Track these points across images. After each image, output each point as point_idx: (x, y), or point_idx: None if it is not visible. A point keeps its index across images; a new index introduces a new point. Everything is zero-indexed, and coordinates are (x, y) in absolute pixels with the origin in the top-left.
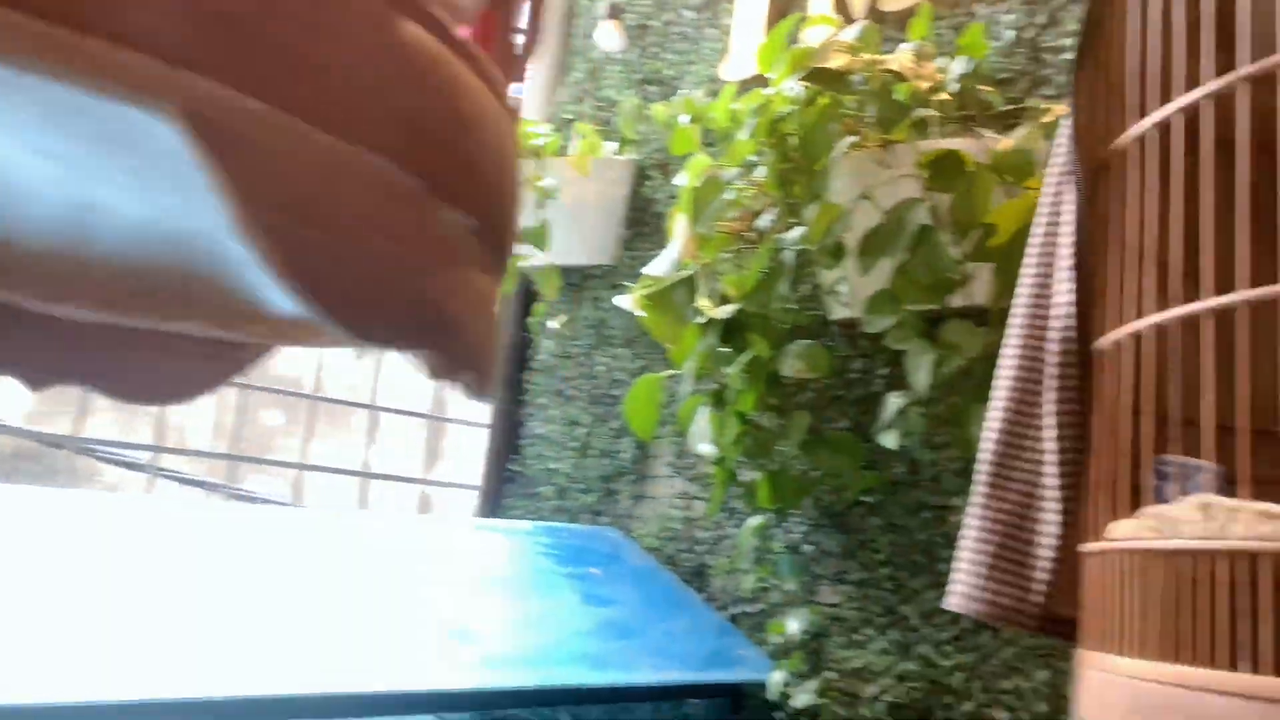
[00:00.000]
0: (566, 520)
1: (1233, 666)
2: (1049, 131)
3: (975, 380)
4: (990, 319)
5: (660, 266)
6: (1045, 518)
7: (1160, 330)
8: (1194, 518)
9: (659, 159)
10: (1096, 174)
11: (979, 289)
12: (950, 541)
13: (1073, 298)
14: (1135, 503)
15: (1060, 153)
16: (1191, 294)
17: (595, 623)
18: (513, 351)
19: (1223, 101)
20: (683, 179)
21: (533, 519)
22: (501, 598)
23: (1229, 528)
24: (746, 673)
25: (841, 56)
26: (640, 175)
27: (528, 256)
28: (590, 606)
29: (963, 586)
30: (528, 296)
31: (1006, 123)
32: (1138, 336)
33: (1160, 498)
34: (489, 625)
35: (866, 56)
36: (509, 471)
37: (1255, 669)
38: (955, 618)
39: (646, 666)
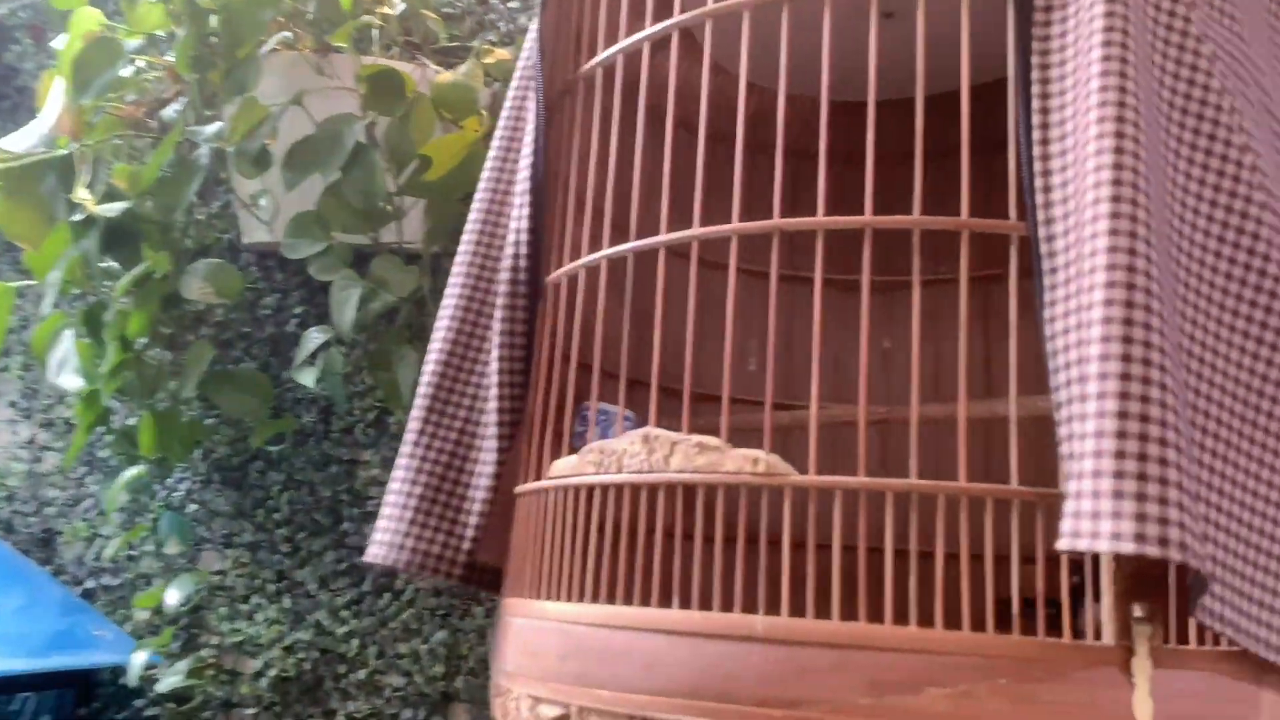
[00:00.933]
0: None
1: (665, 604)
2: (492, 74)
3: (403, 323)
4: (422, 260)
5: (23, 140)
6: (483, 458)
7: (591, 273)
8: (637, 450)
9: (28, 19)
10: (560, 98)
11: (410, 227)
12: (358, 499)
13: (525, 224)
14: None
15: (527, 64)
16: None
17: None
18: None
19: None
20: (65, 40)
21: None
22: None
23: (670, 460)
24: (101, 656)
25: None
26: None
27: None
28: None
29: (386, 535)
30: None
31: (450, 61)
32: (575, 277)
33: (581, 444)
34: None
35: None
36: None
37: (685, 605)
38: (356, 581)
39: None
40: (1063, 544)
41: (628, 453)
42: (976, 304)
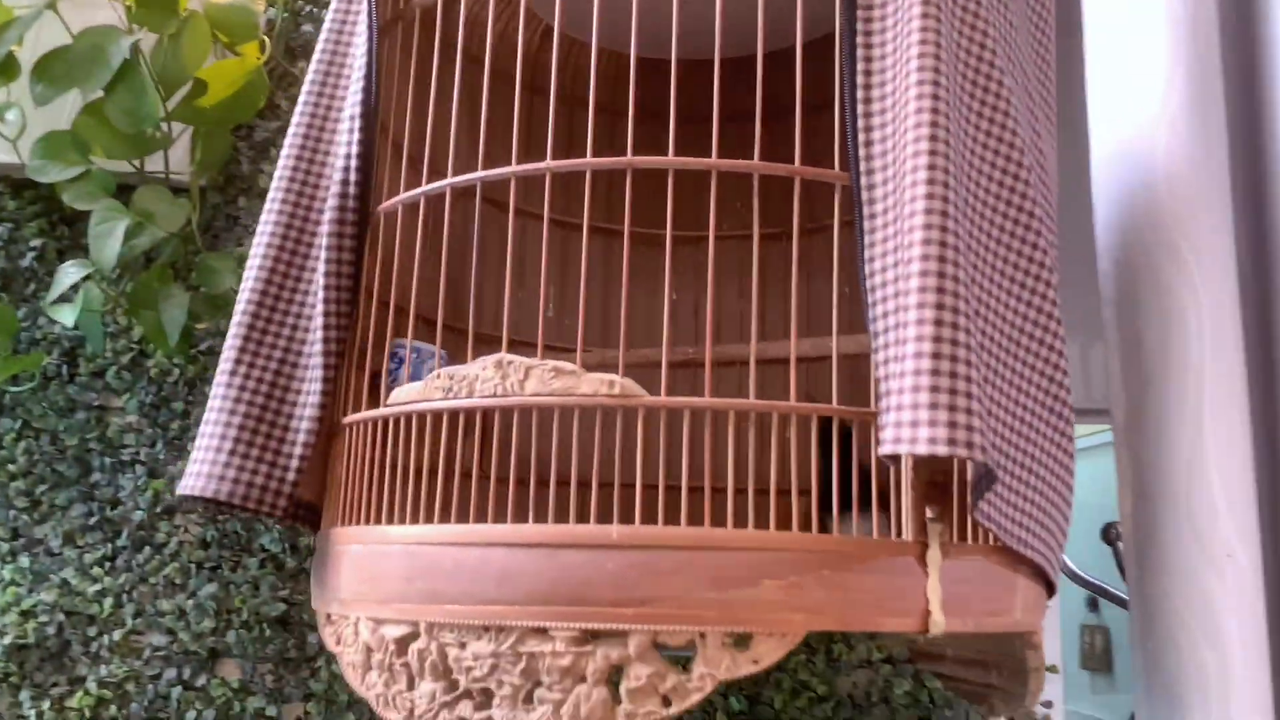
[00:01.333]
0: None
1: (516, 520)
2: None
3: (168, 260)
4: (190, 193)
5: None
6: (308, 388)
7: (409, 211)
8: (490, 375)
9: None
10: (391, 25)
11: (176, 156)
12: (111, 448)
13: (357, 150)
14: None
15: None
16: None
17: None
18: None
19: None
20: None
21: None
22: None
23: (525, 385)
24: None
25: None
26: None
27: None
28: None
29: (204, 465)
30: None
31: None
32: (394, 214)
33: (394, 381)
34: None
35: None
36: None
37: (537, 520)
38: (110, 536)
39: None
40: (885, 449)
41: (480, 378)
42: (786, 253)
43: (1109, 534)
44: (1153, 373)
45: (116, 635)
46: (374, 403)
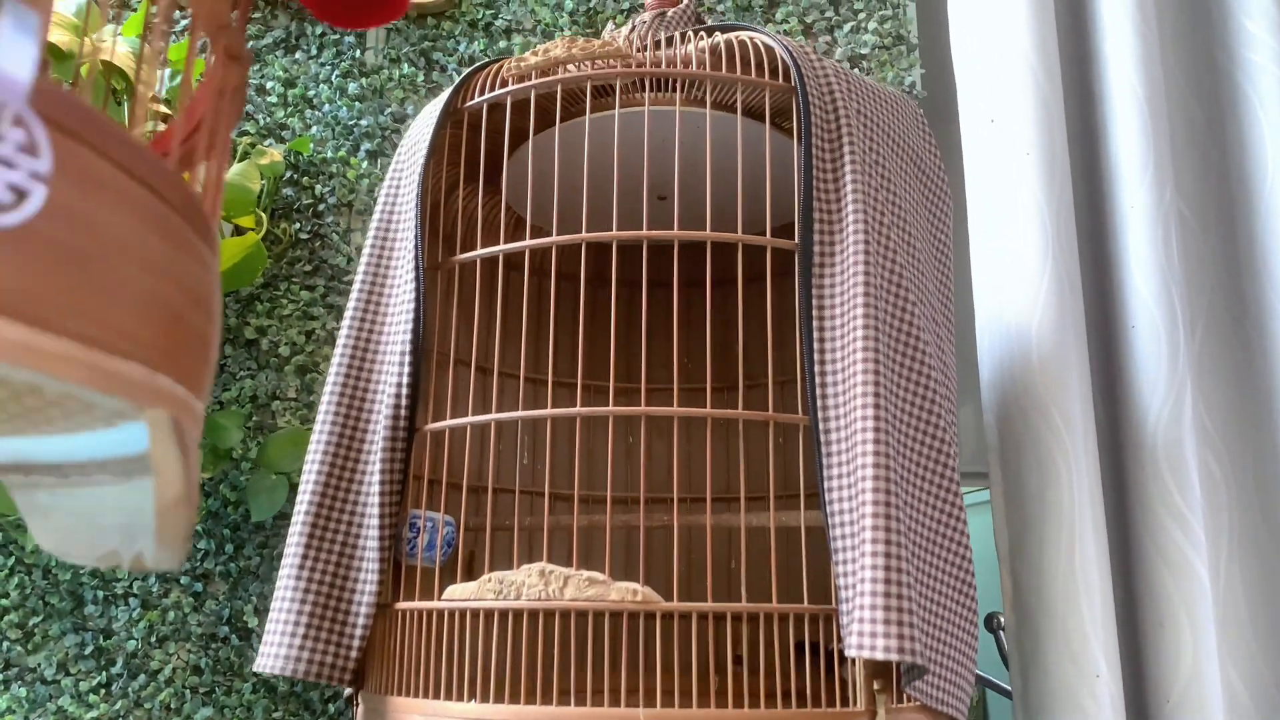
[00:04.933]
0: None
1: (564, 702)
2: (266, 171)
3: None
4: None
5: None
6: (364, 576)
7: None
8: (534, 582)
9: None
10: (436, 271)
11: None
12: (105, 581)
13: (407, 380)
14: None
15: (394, 216)
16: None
17: None
18: None
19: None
20: None
21: None
22: None
23: (565, 591)
24: None
25: (64, 32)
26: None
27: None
28: None
29: (279, 647)
30: None
31: None
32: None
33: (412, 549)
34: None
35: (92, 39)
36: None
37: (585, 699)
38: (102, 665)
39: None
40: (851, 651)
41: (526, 584)
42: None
43: (991, 623)
44: (1032, 513)
45: None
46: (422, 589)
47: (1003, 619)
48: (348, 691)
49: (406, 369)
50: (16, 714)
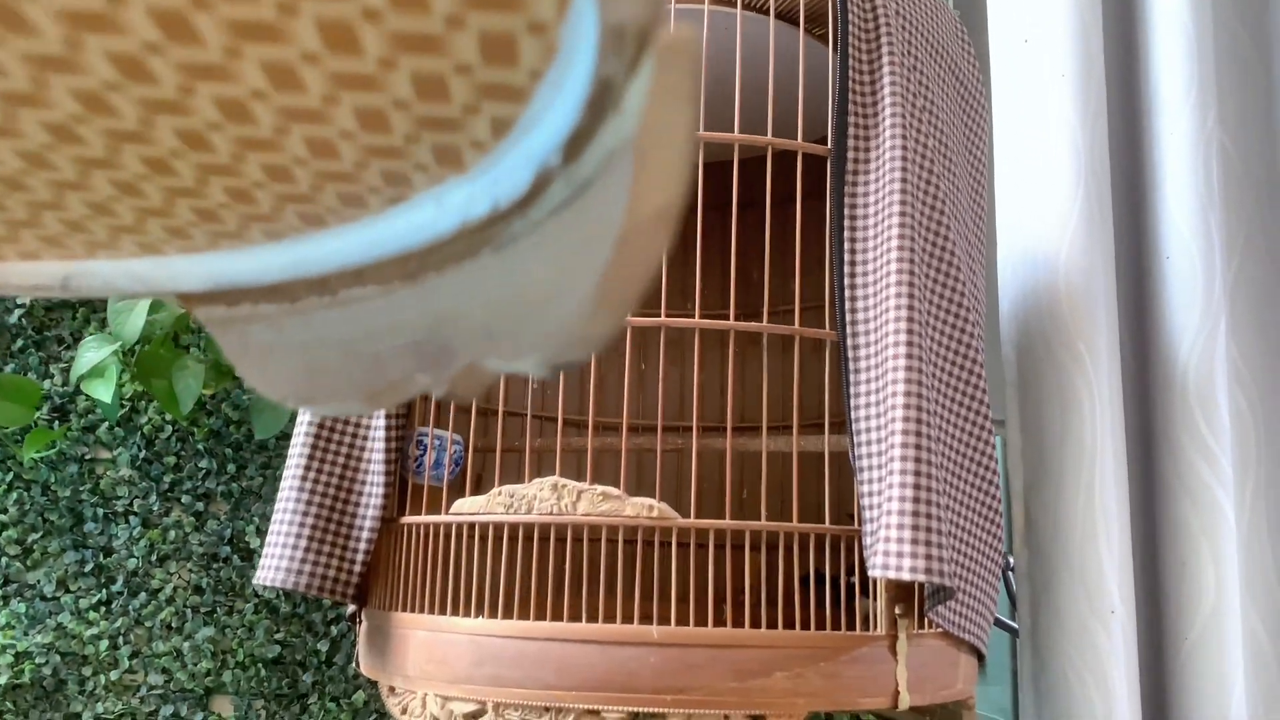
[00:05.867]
0: None
1: (574, 619)
2: None
3: (172, 330)
4: None
5: None
6: (369, 490)
7: None
8: (546, 495)
9: None
10: None
11: None
12: (105, 499)
13: None
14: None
15: None
16: None
17: None
18: None
19: None
20: None
21: None
22: None
23: (577, 505)
24: None
25: None
26: None
27: None
28: None
29: (280, 560)
30: None
31: None
32: None
33: (419, 466)
34: None
35: None
36: None
37: (593, 620)
38: (102, 583)
39: None
40: (875, 572)
41: (538, 498)
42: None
43: None
44: (1051, 449)
45: (113, 675)
46: (429, 502)
47: (1012, 559)
48: (350, 609)
49: None
50: (16, 629)
